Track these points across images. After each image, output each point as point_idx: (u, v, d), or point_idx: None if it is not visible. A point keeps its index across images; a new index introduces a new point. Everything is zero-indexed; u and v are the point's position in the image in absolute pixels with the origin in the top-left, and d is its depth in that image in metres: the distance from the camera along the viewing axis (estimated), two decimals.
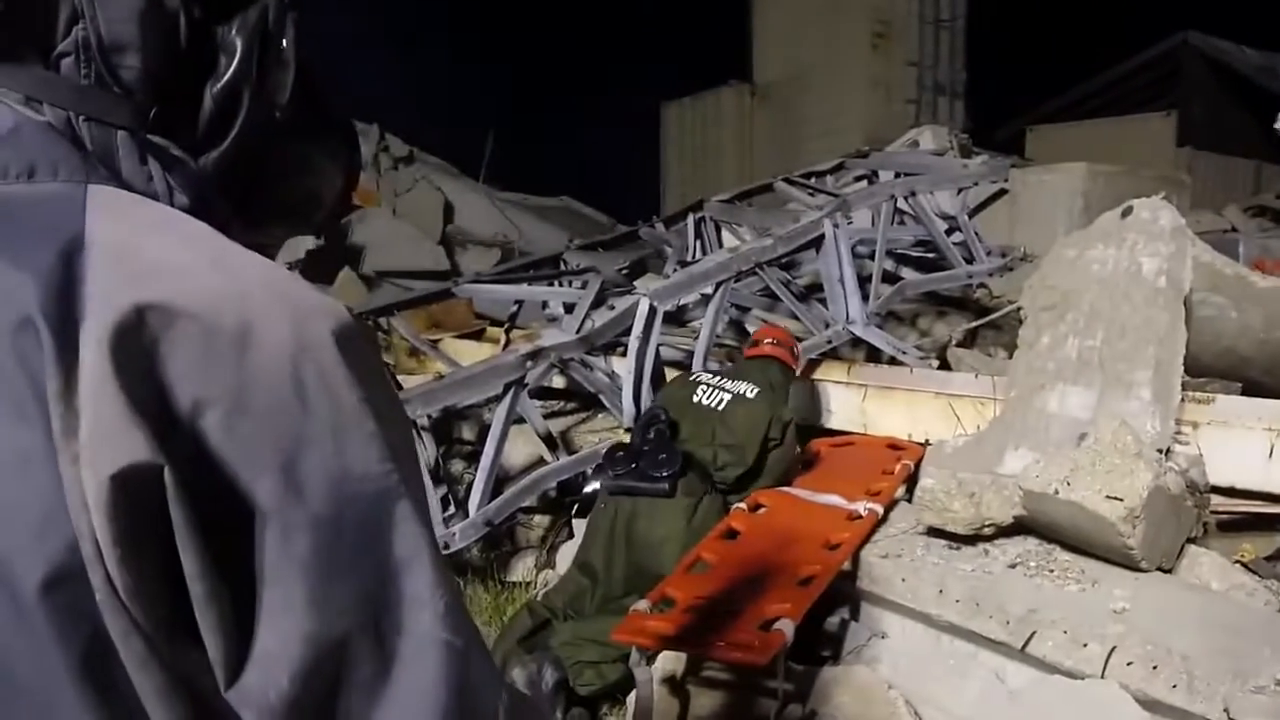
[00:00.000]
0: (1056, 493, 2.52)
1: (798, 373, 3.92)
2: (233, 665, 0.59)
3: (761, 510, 3.22)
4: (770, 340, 3.83)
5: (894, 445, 3.80)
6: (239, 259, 0.68)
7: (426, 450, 3.83)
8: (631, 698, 2.59)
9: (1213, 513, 2.93)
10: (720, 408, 3.47)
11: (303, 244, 7.83)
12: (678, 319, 5.55)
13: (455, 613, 0.65)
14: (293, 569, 0.60)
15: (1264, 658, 2.09)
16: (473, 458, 4.25)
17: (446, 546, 3.46)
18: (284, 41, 0.82)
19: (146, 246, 0.64)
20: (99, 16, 0.71)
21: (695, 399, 3.53)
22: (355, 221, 8.61)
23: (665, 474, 3.08)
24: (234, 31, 0.79)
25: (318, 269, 8.22)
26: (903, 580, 2.74)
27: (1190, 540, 2.76)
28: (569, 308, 5.09)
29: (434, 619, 0.64)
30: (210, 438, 0.59)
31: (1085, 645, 2.27)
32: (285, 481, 0.60)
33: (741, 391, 3.49)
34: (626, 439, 3.72)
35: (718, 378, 3.66)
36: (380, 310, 5.15)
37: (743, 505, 3.20)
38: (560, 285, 5.75)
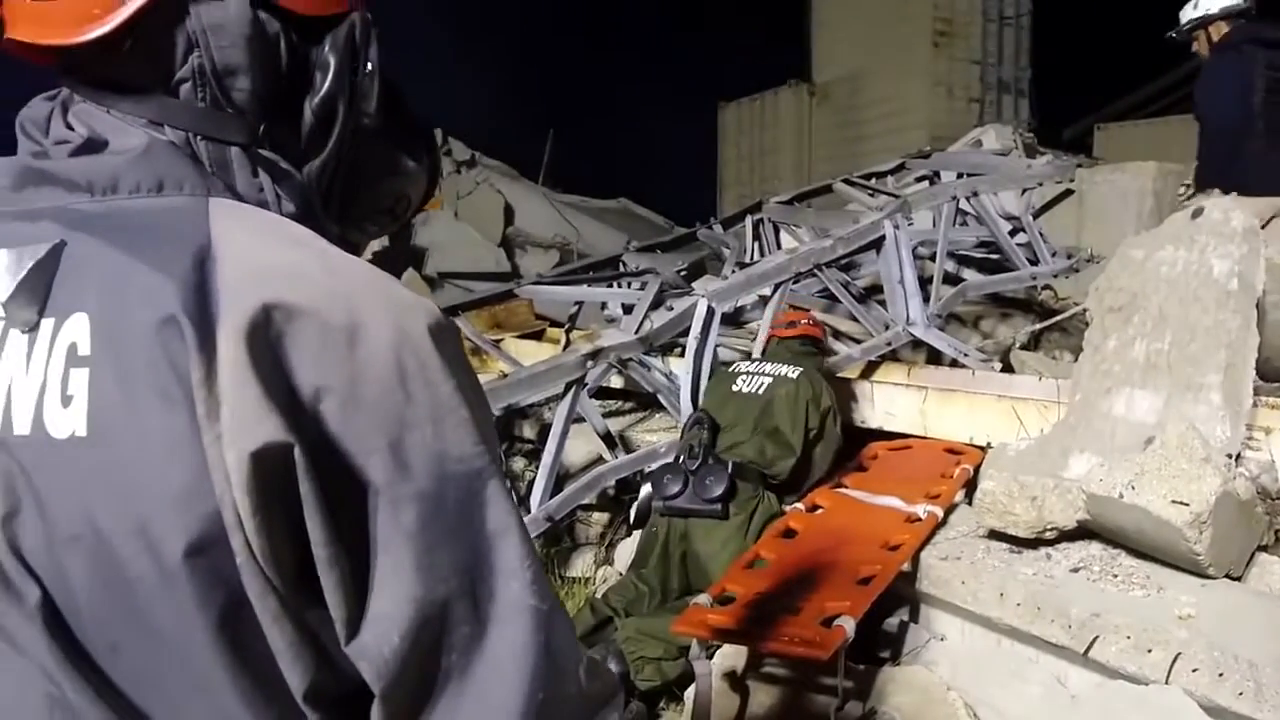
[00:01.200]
0: (1121, 497, 2.49)
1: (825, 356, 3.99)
2: (352, 622, 0.67)
3: (819, 511, 3.24)
4: (806, 320, 3.96)
5: (952, 449, 3.78)
6: (342, 261, 0.75)
7: None
8: (690, 691, 2.64)
9: None
10: (761, 392, 3.50)
11: (369, 246, 8.04)
12: (735, 320, 5.58)
13: (541, 582, 0.72)
14: (401, 539, 0.67)
15: None
16: (533, 455, 4.33)
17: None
18: (370, 54, 0.89)
19: (264, 252, 0.71)
20: (211, 45, 0.79)
21: (735, 388, 3.57)
22: (419, 224, 8.79)
23: (716, 495, 3.07)
24: (326, 50, 0.86)
25: (383, 271, 8.43)
26: (963, 583, 2.73)
27: (1261, 548, 2.70)
28: (628, 309, 5.15)
29: (523, 587, 0.71)
30: (329, 421, 0.66)
31: (1149, 651, 2.25)
32: (393, 460, 0.68)
33: (783, 373, 3.53)
34: (669, 462, 3.71)
35: (755, 363, 3.71)
36: (445, 311, 5.26)
37: (800, 506, 3.23)
38: (619, 286, 5.82)
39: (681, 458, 3.33)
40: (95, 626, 0.67)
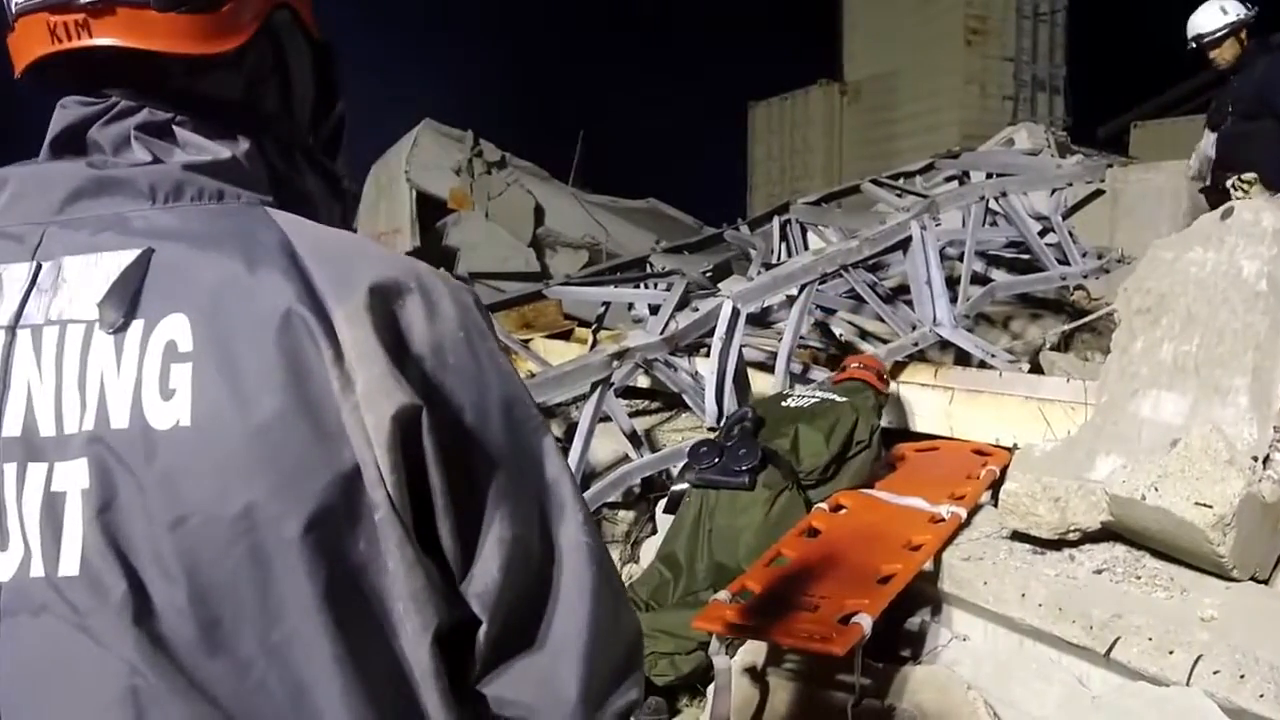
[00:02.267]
0: (1144, 498, 2.49)
1: (886, 396, 3.92)
2: (464, 564, 0.77)
3: (843, 511, 3.26)
4: (856, 364, 3.93)
5: (980, 451, 3.78)
6: (384, 248, 0.86)
7: None
8: (711, 687, 2.67)
9: None
10: (807, 405, 3.59)
11: (401, 246, 8.15)
12: (762, 320, 5.59)
13: (590, 522, 0.84)
14: (492, 487, 0.78)
15: None
16: (561, 454, 4.39)
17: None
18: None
19: (337, 244, 0.81)
20: (290, 63, 0.91)
21: (785, 403, 3.71)
22: (450, 225, 8.90)
23: (745, 468, 3.16)
24: (332, 68, 0.98)
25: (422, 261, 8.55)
26: (985, 583, 2.74)
27: None
28: (654, 309, 5.19)
29: (578, 526, 0.83)
30: (434, 382, 0.75)
31: (1171, 652, 2.25)
32: (479, 417, 0.78)
33: (831, 397, 3.61)
34: (709, 437, 3.80)
35: (810, 388, 3.86)
36: None
37: (824, 506, 3.25)
38: (646, 287, 5.86)
39: (721, 436, 3.45)
40: (193, 609, 0.69)
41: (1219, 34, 4.92)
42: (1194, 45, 5.07)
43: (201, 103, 0.83)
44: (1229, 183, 4.59)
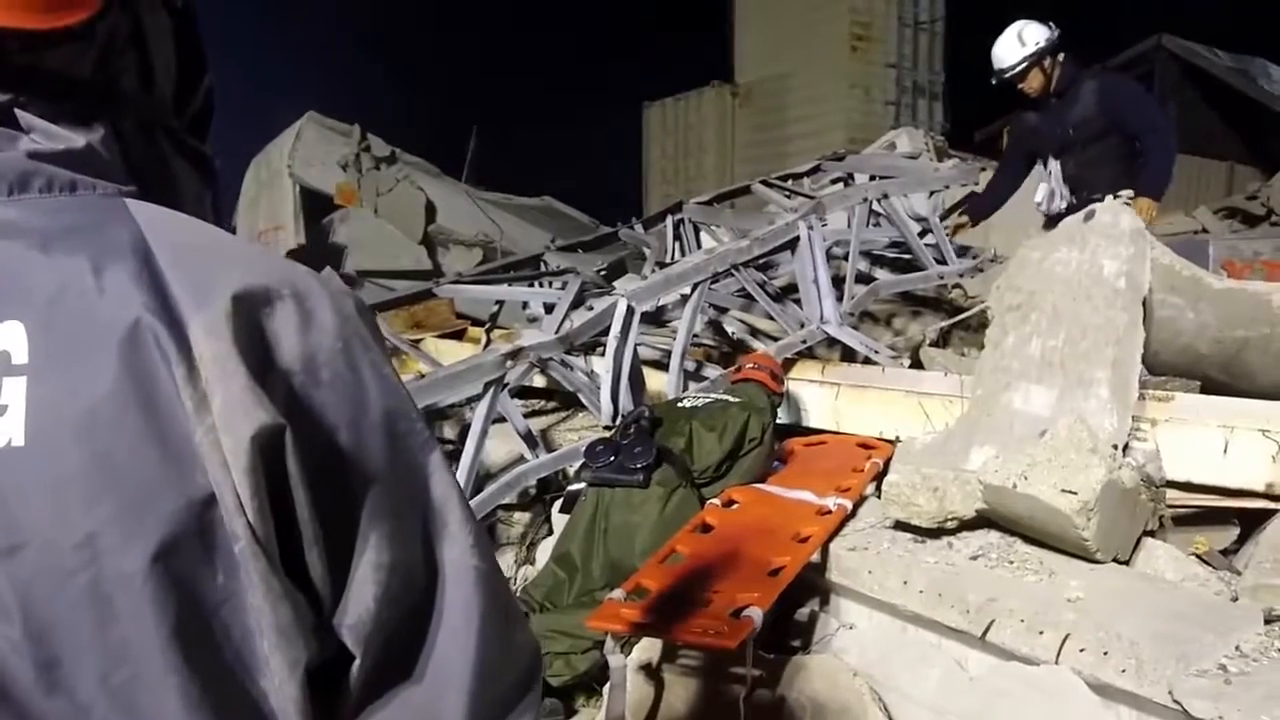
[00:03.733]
0: (1015, 487, 2.62)
1: (780, 396, 3.99)
2: (336, 594, 0.71)
3: (734, 506, 3.31)
4: (751, 365, 3.98)
5: (865, 444, 3.90)
6: (263, 249, 0.81)
7: None
8: (607, 686, 2.67)
9: (1169, 506, 3.03)
10: (702, 405, 3.65)
11: (283, 243, 7.87)
12: (657, 319, 5.63)
13: (481, 543, 0.79)
14: (368, 510, 0.72)
15: (1207, 643, 2.19)
16: (454, 456, 4.30)
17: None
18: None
19: (201, 245, 0.73)
20: (149, 37, 0.83)
21: (681, 403, 3.75)
22: (337, 221, 8.63)
23: (640, 465, 3.18)
24: (197, 43, 0.91)
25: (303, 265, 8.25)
26: (869, 572, 2.83)
27: (1148, 533, 2.86)
28: (549, 308, 5.16)
29: (466, 548, 0.77)
30: (303, 400, 0.69)
31: (1041, 633, 2.37)
32: (355, 436, 0.72)
33: (725, 398, 3.68)
34: (605, 436, 3.81)
35: (704, 386, 3.95)
36: None
37: (716, 501, 3.29)
38: (540, 286, 5.82)
39: (617, 434, 3.46)
40: (30, 646, 0.64)
41: (1021, 67, 5.01)
42: (996, 80, 5.14)
43: (48, 82, 0.75)
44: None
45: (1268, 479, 2.95)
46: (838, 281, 5.08)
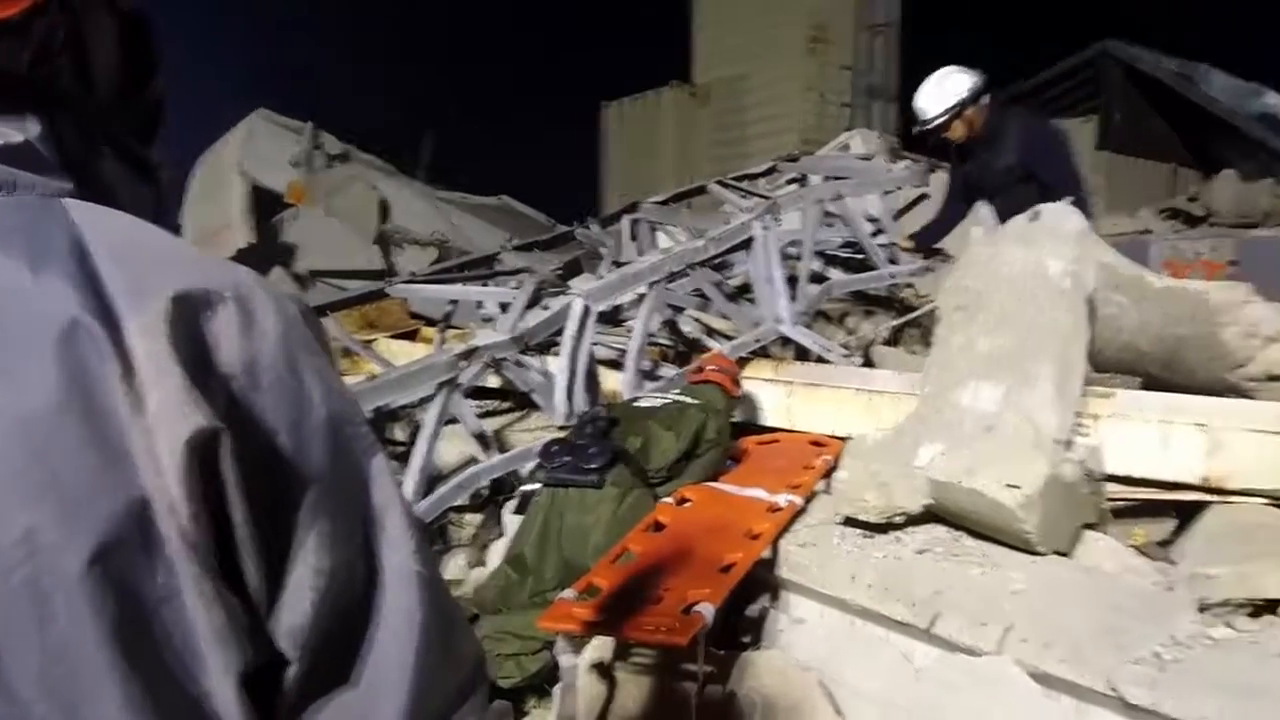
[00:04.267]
0: (960, 482, 2.67)
1: (739, 399, 4.01)
2: (271, 599, 0.71)
3: (687, 504, 3.32)
4: (713, 367, 3.98)
5: (817, 442, 3.94)
6: (204, 252, 0.79)
7: None
8: (558, 687, 2.67)
9: (1109, 500, 3.10)
10: (660, 406, 3.65)
11: (232, 242, 7.73)
12: (613, 319, 5.63)
13: (423, 550, 0.79)
14: (307, 514, 0.72)
15: (1143, 632, 2.25)
16: (407, 459, 4.27)
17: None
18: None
19: (140, 245, 0.73)
20: (87, 35, 0.82)
21: (638, 404, 3.75)
22: (288, 220, 8.49)
23: (594, 466, 3.18)
24: (149, 45, 0.90)
25: (249, 268, 8.09)
26: (819, 568, 2.86)
27: (1089, 526, 2.92)
28: (504, 308, 5.13)
29: (407, 554, 0.77)
30: (242, 404, 0.69)
31: (984, 625, 2.41)
32: (295, 440, 0.72)
33: (683, 399, 3.69)
34: (561, 436, 3.80)
35: (661, 385, 3.94)
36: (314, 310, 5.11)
37: (669, 500, 3.30)
38: (495, 285, 5.79)
39: (573, 435, 3.45)
40: None
41: (943, 119, 5.02)
42: (917, 131, 5.15)
43: None
44: None
45: (1203, 472, 3.04)
46: (792, 281, 5.12)
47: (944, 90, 5.03)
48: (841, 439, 3.87)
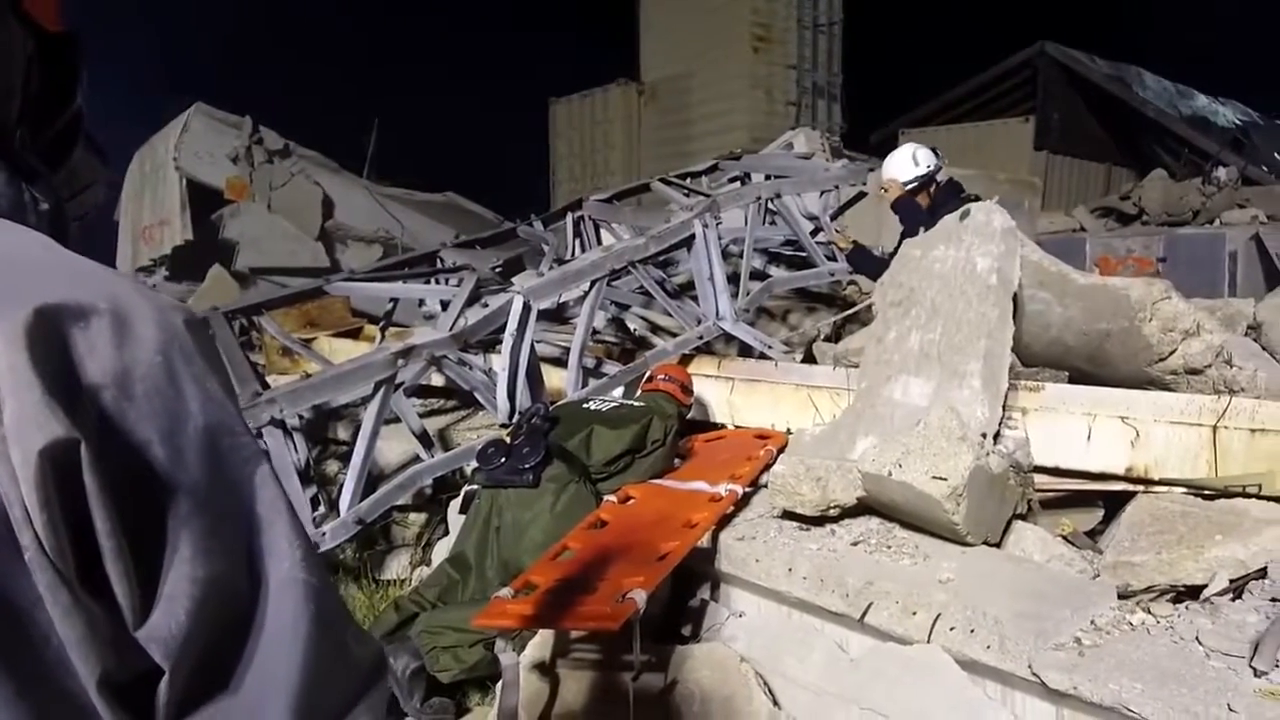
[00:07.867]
0: (890, 474, 2.72)
1: (688, 407, 4.03)
2: (141, 608, 0.70)
3: (631, 502, 3.34)
4: (663, 376, 4.01)
5: (762, 435, 3.99)
6: (91, 264, 0.79)
7: (297, 451, 3.80)
8: (499, 684, 2.67)
9: (1039, 491, 3.19)
10: (607, 409, 3.68)
11: (169, 239, 7.55)
12: (559, 316, 5.63)
13: (310, 558, 0.79)
14: (181, 525, 0.72)
15: (1065, 619, 2.33)
16: (348, 458, 4.23)
17: (317, 546, 3.46)
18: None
19: (17, 257, 0.73)
20: None
21: (586, 406, 3.76)
22: (227, 217, 8.32)
23: (528, 465, 3.18)
24: (72, 62, 0.90)
25: (186, 266, 7.92)
26: (757, 561, 2.90)
27: (1018, 516, 3.01)
28: (445, 305, 5.10)
29: (293, 563, 0.78)
30: (110, 415, 0.69)
31: (914, 614, 2.47)
32: (170, 451, 0.72)
33: (630, 402, 3.73)
34: (500, 436, 3.79)
35: (612, 399, 3.92)
36: (249, 309, 5.03)
37: (613, 498, 3.32)
38: (436, 283, 5.75)
39: (511, 435, 3.44)
40: None
41: (913, 184, 5.23)
42: (885, 190, 5.34)
43: None
44: None
45: (1127, 463, 3.15)
46: (734, 278, 5.17)
47: (917, 159, 5.25)
48: (784, 432, 3.94)
